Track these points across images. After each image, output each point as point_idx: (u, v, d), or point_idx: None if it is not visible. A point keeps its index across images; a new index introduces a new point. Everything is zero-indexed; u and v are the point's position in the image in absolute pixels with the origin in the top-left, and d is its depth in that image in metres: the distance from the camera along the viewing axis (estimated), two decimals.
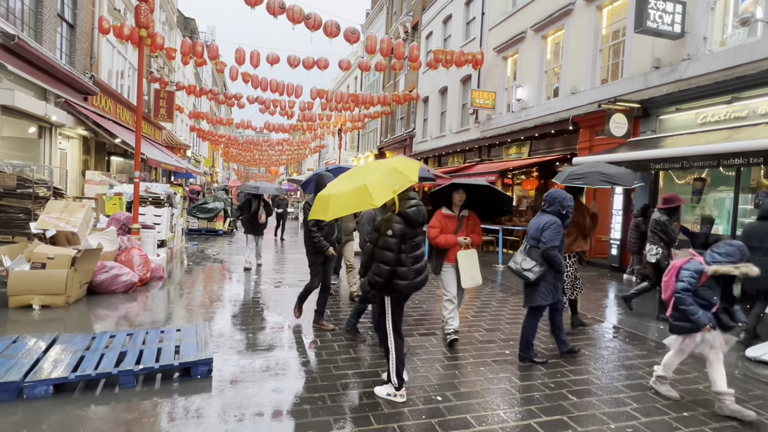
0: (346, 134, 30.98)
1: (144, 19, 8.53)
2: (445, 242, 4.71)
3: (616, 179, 5.91)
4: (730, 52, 8.11)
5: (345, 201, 3.22)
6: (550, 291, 4.40)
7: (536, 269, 4.32)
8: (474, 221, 4.89)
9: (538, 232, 4.39)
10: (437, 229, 4.77)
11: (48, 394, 3.34)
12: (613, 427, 3.24)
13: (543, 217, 4.46)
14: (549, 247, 4.27)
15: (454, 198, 4.77)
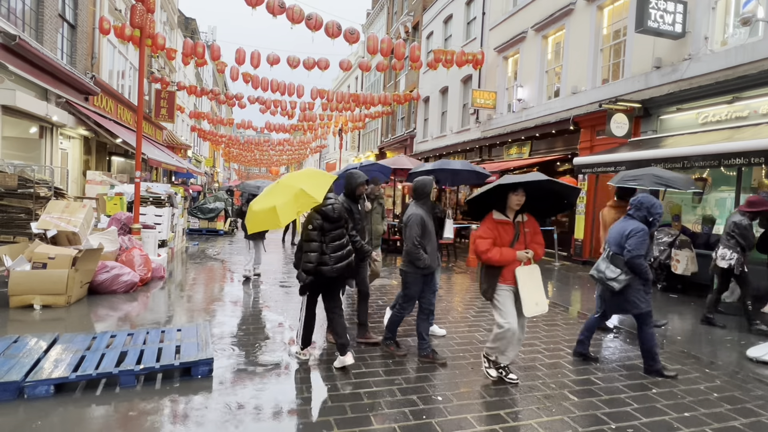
0: (347, 134, 31.00)
1: (139, 19, 8.53)
2: (500, 259, 3.71)
3: (672, 182, 5.68)
4: (731, 52, 8.10)
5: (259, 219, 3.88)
6: (643, 297, 4.20)
7: (622, 278, 4.14)
8: (533, 228, 3.89)
9: (622, 239, 4.19)
10: (489, 240, 3.73)
11: (49, 394, 3.35)
12: (614, 427, 3.23)
13: (628, 223, 4.23)
14: (634, 256, 4.08)
15: (511, 200, 3.73)
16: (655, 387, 3.96)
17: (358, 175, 4.74)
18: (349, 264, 4.14)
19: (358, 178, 4.71)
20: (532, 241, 3.85)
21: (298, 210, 3.83)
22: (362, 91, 28.57)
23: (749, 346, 5.02)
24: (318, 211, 3.99)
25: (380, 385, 3.80)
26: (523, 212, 3.87)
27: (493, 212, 3.85)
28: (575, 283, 9.01)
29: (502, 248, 3.73)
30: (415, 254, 4.21)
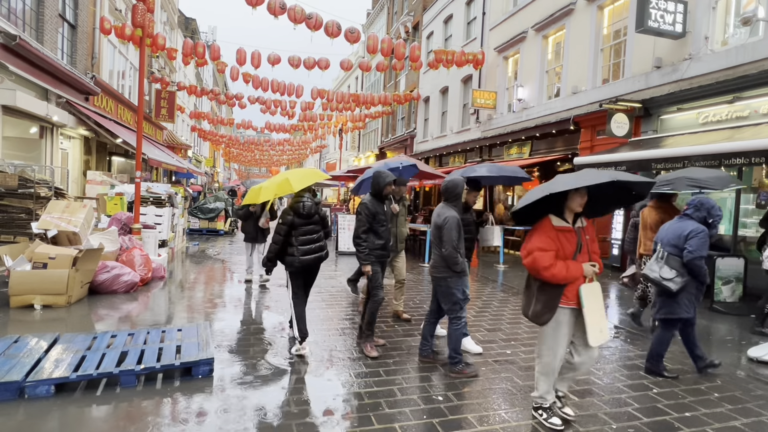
0: (347, 134, 31.00)
1: (140, 18, 8.53)
2: (566, 275, 3.00)
3: (707, 183, 5.58)
4: (732, 52, 8.09)
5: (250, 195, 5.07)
6: (692, 302, 4.12)
7: (678, 279, 4.04)
8: (591, 234, 3.28)
9: (680, 240, 4.08)
10: (551, 252, 3.02)
11: (49, 394, 3.35)
12: (615, 428, 3.23)
13: (686, 224, 4.13)
14: (696, 257, 3.98)
15: (573, 201, 3.07)
16: (656, 387, 3.96)
17: (386, 175, 4.58)
18: (318, 257, 4.57)
19: (386, 178, 4.56)
20: (593, 251, 3.24)
21: (276, 193, 4.63)
22: (362, 91, 28.57)
23: (750, 346, 5.03)
24: (291, 207, 4.50)
25: (380, 385, 3.80)
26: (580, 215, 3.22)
27: (551, 217, 3.11)
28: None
29: (568, 262, 3.03)
30: (453, 258, 3.97)
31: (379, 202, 4.60)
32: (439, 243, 4.06)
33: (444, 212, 4.07)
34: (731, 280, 6.88)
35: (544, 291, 3.11)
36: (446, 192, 4.16)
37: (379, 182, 4.57)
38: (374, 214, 4.53)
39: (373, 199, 4.58)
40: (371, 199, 4.58)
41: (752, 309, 6.76)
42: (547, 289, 3.09)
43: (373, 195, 4.61)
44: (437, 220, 4.09)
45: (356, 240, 4.53)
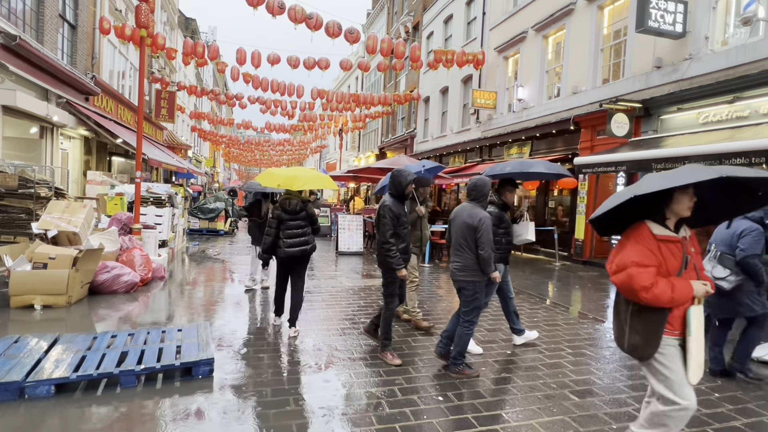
0: (347, 134, 30.99)
1: (144, 19, 8.53)
2: (672, 297, 2.35)
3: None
4: (732, 52, 8.09)
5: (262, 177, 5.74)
6: (756, 301, 4.05)
7: (731, 278, 3.99)
8: (696, 247, 2.62)
9: (733, 239, 4.05)
10: (651, 269, 2.37)
11: (49, 394, 3.35)
12: (615, 428, 3.23)
13: (739, 222, 4.08)
14: (748, 255, 3.93)
15: (680, 203, 2.43)
16: None
17: (407, 174, 4.34)
18: (302, 251, 4.99)
19: (407, 177, 4.31)
20: (700, 268, 2.56)
21: (279, 184, 5.28)
22: (362, 91, 28.56)
23: None
24: (280, 204, 5.03)
25: (381, 385, 3.79)
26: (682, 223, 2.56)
27: (648, 224, 2.46)
28: (576, 283, 9.01)
29: (672, 280, 2.39)
30: (490, 260, 3.88)
31: (400, 203, 4.37)
32: (470, 245, 3.95)
33: (477, 212, 3.95)
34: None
35: (641, 317, 2.46)
36: (475, 191, 4.05)
37: (401, 182, 4.31)
38: (398, 216, 4.27)
39: (395, 201, 4.32)
40: (393, 201, 4.31)
41: None
42: (646, 315, 2.44)
43: (395, 196, 4.35)
44: (470, 221, 3.93)
45: (384, 245, 4.23)
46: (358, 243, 12.09)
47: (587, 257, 11.29)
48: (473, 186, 4.07)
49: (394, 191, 4.34)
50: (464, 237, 3.98)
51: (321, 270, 9.31)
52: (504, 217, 4.65)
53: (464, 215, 4.01)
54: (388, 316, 4.39)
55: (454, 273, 4.10)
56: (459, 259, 4.04)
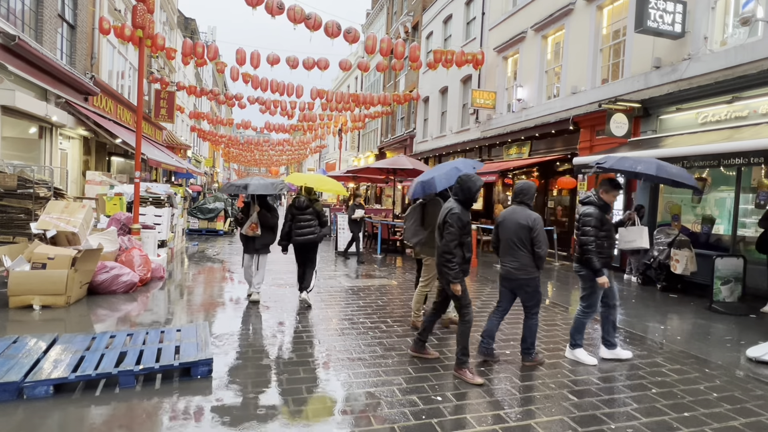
0: (347, 134, 30.99)
1: (140, 19, 8.53)
2: None
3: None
4: (731, 52, 8.10)
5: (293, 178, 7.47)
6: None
7: None
8: None
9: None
10: None
11: (48, 395, 3.34)
12: (614, 428, 3.23)
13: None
14: None
15: None
16: (654, 387, 3.96)
17: (476, 178, 4.03)
18: (308, 240, 6.22)
19: (476, 182, 4.01)
20: None
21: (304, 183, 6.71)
22: (362, 91, 28.57)
23: (749, 346, 5.03)
24: (292, 201, 6.32)
25: (380, 385, 3.79)
26: None
27: None
28: (575, 282, 9.01)
29: None
30: (544, 259, 4.22)
31: (467, 210, 4.03)
32: (525, 244, 4.18)
33: (530, 214, 4.20)
34: (730, 280, 6.89)
35: None
36: (522, 194, 4.30)
37: (470, 187, 3.99)
38: (465, 225, 3.96)
39: (462, 208, 3.99)
40: (461, 208, 3.98)
41: (751, 309, 6.77)
42: None
43: (462, 202, 4.02)
44: (525, 222, 4.15)
45: (446, 255, 3.91)
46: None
47: None
48: (520, 190, 4.30)
49: (462, 196, 4.02)
50: (519, 237, 4.20)
51: (320, 270, 9.31)
52: (605, 219, 4.40)
53: (517, 217, 4.22)
54: (465, 329, 4.02)
55: (511, 272, 4.29)
56: (514, 259, 4.26)
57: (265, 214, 6.40)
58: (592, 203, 4.38)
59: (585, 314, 4.50)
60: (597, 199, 4.40)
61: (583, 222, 4.33)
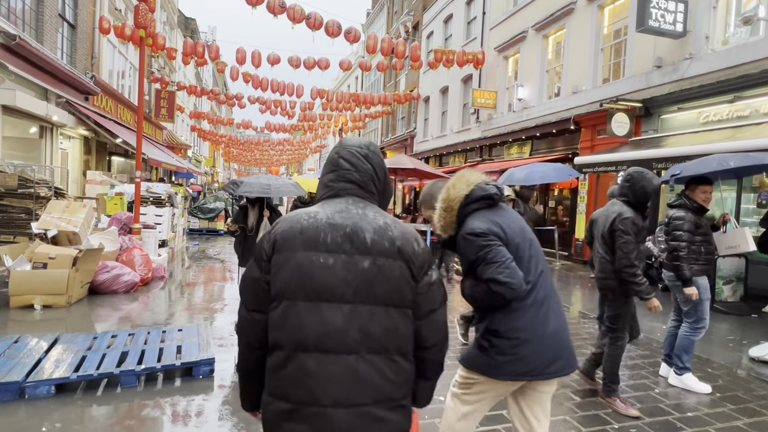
0: (347, 134, 30.99)
1: (142, 19, 8.52)
2: None
3: None
4: (733, 51, 8.08)
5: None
6: None
7: None
8: None
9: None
10: None
11: (50, 395, 3.34)
12: (617, 428, 3.22)
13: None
14: None
15: None
16: (657, 387, 3.95)
17: (651, 177, 3.42)
18: None
19: (651, 181, 3.39)
20: None
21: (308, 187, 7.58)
22: (362, 91, 28.56)
23: (751, 345, 5.02)
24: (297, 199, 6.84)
25: None
26: None
27: None
28: (576, 282, 9.01)
29: None
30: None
31: (640, 215, 3.45)
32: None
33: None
34: (732, 279, 6.88)
35: None
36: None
37: (644, 186, 3.37)
38: (640, 231, 3.40)
39: (635, 212, 3.41)
40: (634, 212, 3.39)
41: (754, 309, 6.76)
42: None
43: (634, 205, 3.44)
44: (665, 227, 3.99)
45: (629, 269, 3.31)
46: None
47: (588, 257, 11.28)
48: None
49: (633, 198, 3.41)
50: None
51: None
52: (701, 222, 3.97)
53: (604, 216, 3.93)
54: (616, 354, 3.54)
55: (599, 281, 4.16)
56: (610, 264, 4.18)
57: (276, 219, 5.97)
58: (683, 206, 3.94)
59: (694, 331, 3.87)
60: (689, 203, 3.95)
61: (673, 226, 3.85)
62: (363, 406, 1.33)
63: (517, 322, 1.96)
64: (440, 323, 1.47)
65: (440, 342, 1.48)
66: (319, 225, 1.39)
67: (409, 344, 1.41)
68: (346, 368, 1.32)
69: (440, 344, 1.48)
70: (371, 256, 1.36)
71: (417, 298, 1.41)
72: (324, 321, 1.33)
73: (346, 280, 1.34)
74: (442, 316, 1.47)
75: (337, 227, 1.38)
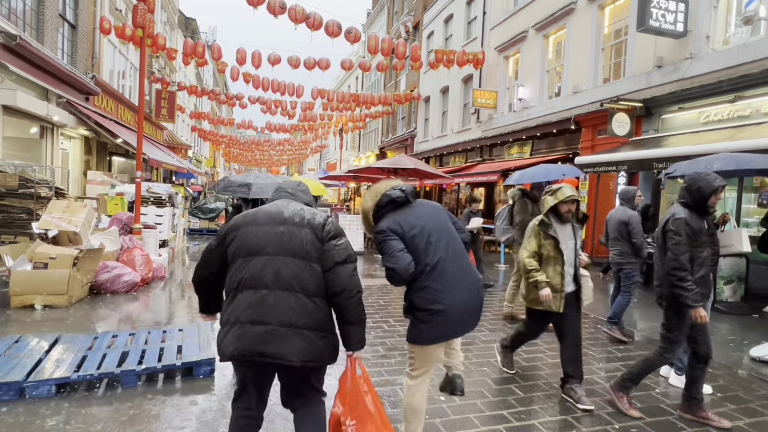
0: (347, 134, 30.97)
1: (141, 19, 8.52)
2: None
3: None
4: (733, 51, 8.08)
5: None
6: None
7: None
8: None
9: None
10: None
11: (50, 394, 3.34)
12: (617, 427, 3.22)
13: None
14: None
15: None
16: (658, 387, 3.95)
17: (711, 178, 3.24)
18: None
19: (712, 182, 3.22)
20: None
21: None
22: (363, 91, 28.56)
23: (752, 345, 5.01)
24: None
25: (382, 385, 3.78)
26: None
27: None
28: None
29: None
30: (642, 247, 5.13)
31: (699, 217, 3.27)
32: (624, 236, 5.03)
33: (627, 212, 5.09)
34: (733, 279, 6.87)
35: None
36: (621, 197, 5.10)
37: (701, 187, 3.23)
38: (696, 233, 3.23)
39: (692, 213, 3.26)
40: (690, 213, 3.25)
41: (754, 309, 6.76)
42: None
43: (691, 207, 3.29)
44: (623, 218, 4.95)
45: (677, 273, 3.14)
46: (358, 243, 12.07)
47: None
48: (622, 193, 5.20)
49: (690, 200, 3.29)
50: (619, 231, 5.08)
51: None
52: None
53: (618, 215, 5.11)
54: (654, 365, 3.44)
55: (614, 258, 5.23)
56: (616, 248, 5.17)
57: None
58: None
59: None
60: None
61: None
62: (269, 324, 2.05)
63: (428, 297, 2.45)
64: (344, 275, 2.14)
65: (348, 289, 2.12)
66: (258, 212, 2.25)
67: (314, 288, 2.12)
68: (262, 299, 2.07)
69: (348, 291, 2.12)
70: (285, 225, 2.17)
71: (323, 255, 2.15)
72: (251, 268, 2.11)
73: (267, 240, 2.13)
74: (347, 270, 2.15)
75: (268, 211, 2.25)
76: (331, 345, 2.18)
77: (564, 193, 3.57)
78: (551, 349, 4.84)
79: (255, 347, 2.03)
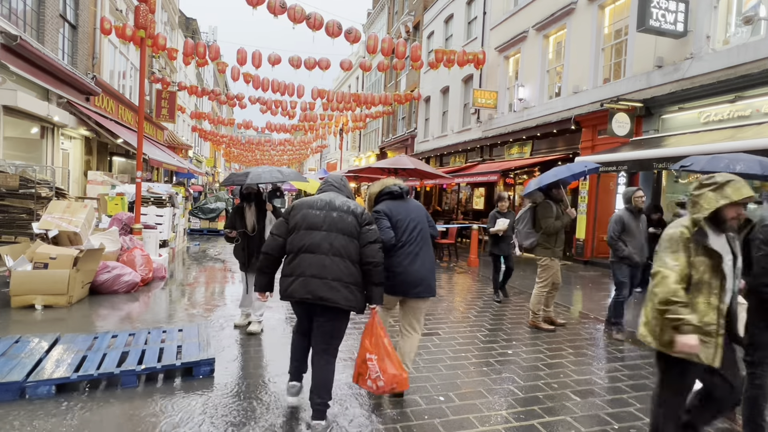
0: (348, 134, 30.98)
1: (143, 20, 8.53)
2: None
3: None
4: (734, 51, 8.08)
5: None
6: None
7: None
8: None
9: None
10: None
11: (50, 394, 3.34)
12: (617, 428, 3.22)
13: None
14: None
15: None
16: None
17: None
18: None
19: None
20: None
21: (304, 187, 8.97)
22: (363, 91, 28.55)
23: None
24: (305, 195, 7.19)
25: None
26: None
27: None
28: (577, 282, 9.01)
29: None
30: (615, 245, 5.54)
31: None
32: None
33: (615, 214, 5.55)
34: None
35: None
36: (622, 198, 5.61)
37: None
38: None
39: None
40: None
41: None
42: None
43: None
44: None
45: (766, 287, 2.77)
46: None
47: (588, 257, 11.28)
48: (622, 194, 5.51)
49: None
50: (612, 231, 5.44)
51: None
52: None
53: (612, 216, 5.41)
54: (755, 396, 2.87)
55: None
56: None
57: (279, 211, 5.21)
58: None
59: None
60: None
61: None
62: (325, 279, 2.93)
63: (395, 262, 3.39)
64: (374, 250, 3.04)
65: (376, 262, 3.02)
66: (315, 199, 3.15)
67: (356, 255, 3.02)
68: (320, 261, 2.95)
69: (375, 263, 3.02)
70: (336, 211, 3.06)
71: (361, 236, 3.05)
72: (312, 238, 2.99)
73: (324, 221, 3.02)
74: (375, 247, 3.04)
75: (322, 199, 3.14)
76: (363, 297, 3.07)
77: (739, 191, 2.45)
78: (550, 350, 4.84)
79: (317, 293, 2.90)
